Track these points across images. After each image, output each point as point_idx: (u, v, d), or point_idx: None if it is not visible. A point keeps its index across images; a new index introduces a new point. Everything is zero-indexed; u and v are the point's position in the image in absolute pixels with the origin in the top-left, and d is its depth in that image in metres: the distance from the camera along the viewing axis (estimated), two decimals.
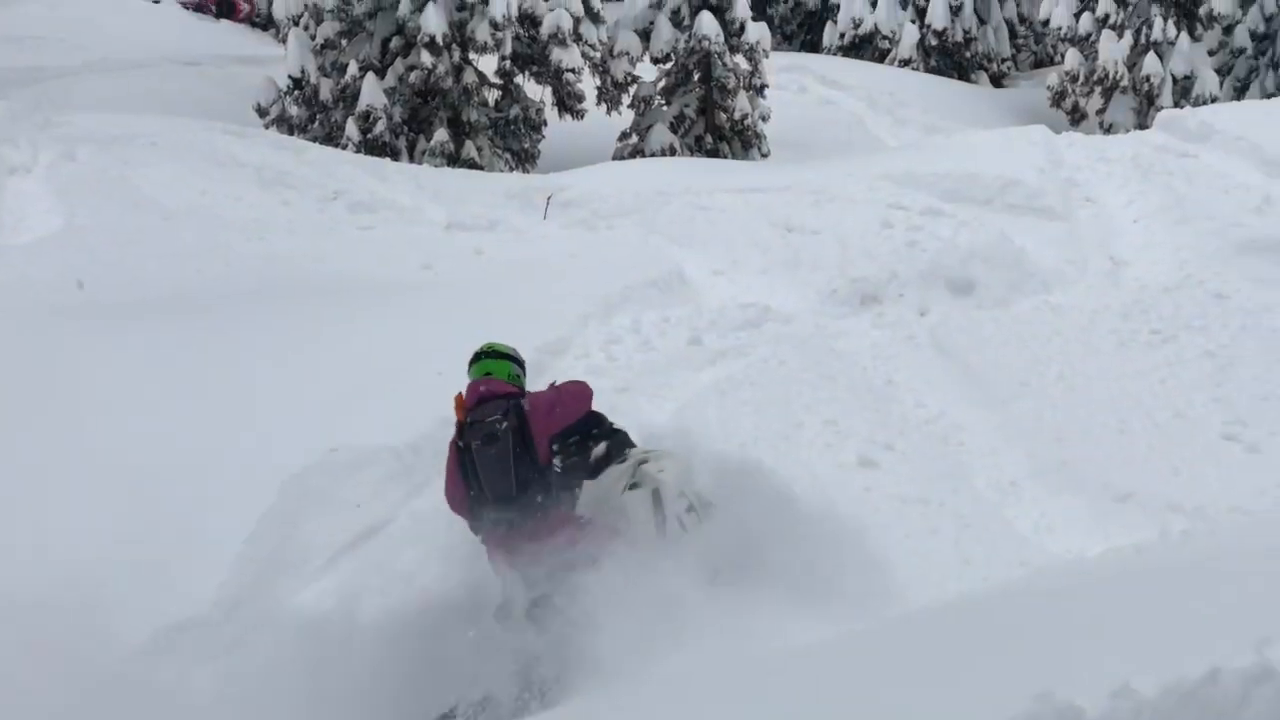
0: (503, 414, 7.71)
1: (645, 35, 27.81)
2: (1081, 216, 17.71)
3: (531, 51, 26.31)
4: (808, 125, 30.21)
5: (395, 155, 24.55)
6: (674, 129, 27.61)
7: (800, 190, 18.09)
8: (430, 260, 15.79)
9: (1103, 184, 18.70)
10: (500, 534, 7.74)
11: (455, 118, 25.68)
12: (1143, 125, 30.93)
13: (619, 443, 7.78)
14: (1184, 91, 32.32)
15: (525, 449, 7.68)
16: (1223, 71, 34.63)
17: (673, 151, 26.52)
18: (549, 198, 18.23)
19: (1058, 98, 34.50)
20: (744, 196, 18.30)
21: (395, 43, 25.60)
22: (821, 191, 18.07)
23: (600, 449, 7.69)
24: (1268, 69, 34.16)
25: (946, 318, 14.56)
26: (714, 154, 26.95)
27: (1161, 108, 30.62)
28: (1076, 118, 34.10)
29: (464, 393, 7.98)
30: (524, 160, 26.47)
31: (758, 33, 27.52)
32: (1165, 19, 32.54)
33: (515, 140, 26.56)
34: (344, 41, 25.92)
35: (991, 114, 34.77)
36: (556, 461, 7.72)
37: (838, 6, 42.72)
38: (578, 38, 25.82)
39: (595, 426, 7.89)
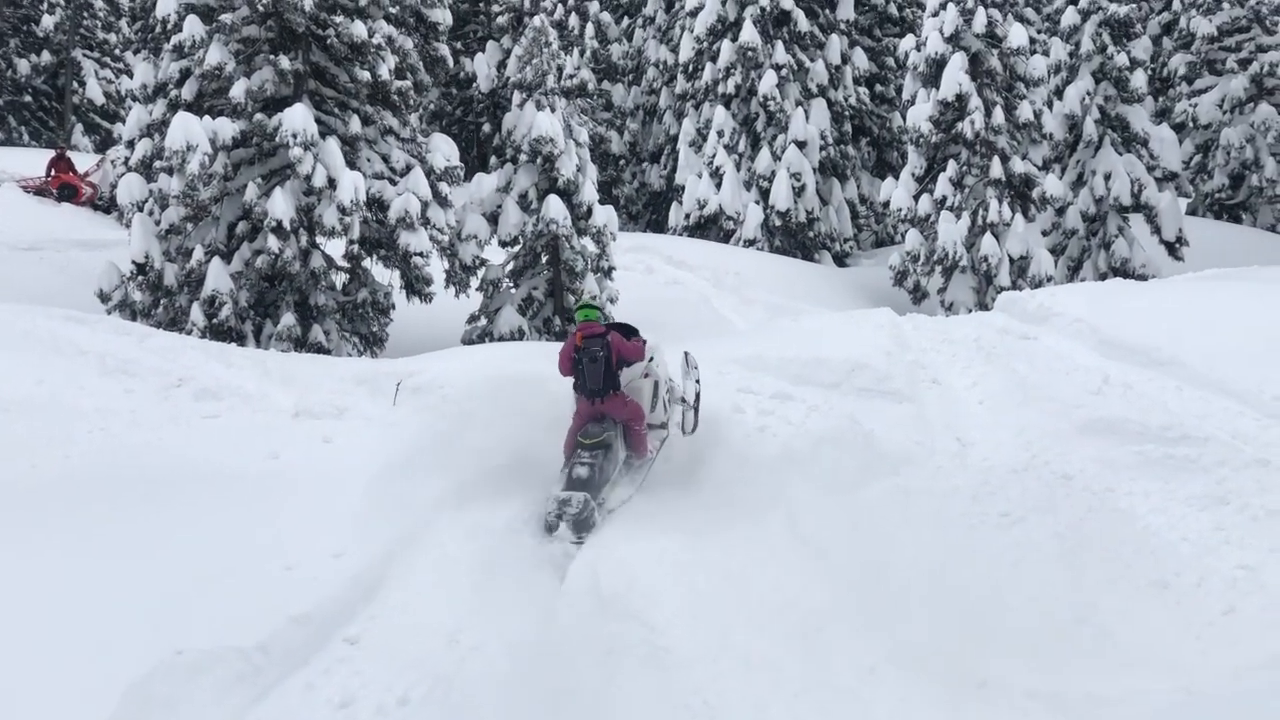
0: (600, 347, 14.94)
1: (493, 218, 28.14)
2: (928, 398, 17.93)
3: (379, 235, 26.36)
4: (656, 305, 30.51)
5: (242, 340, 24.34)
6: (523, 311, 27.79)
7: None
8: (277, 449, 15.47)
9: (948, 366, 19.00)
10: (589, 402, 15.01)
11: (303, 301, 25.56)
12: (983, 303, 31.76)
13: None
14: (1021, 270, 33.24)
15: (609, 365, 15.02)
16: (1057, 251, 35.73)
17: (522, 334, 26.67)
18: (399, 384, 18.06)
19: (900, 277, 35.28)
20: None
21: (242, 227, 25.49)
22: (671, 376, 18.08)
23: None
24: (1099, 249, 35.26)
25: (797, 503, 14.55)
26: (563, 337, 27.10)
27: (1001, 287, 31.53)
28: (918, 296, 34.88)
29: (579, 327, 15.11)
30: (372, 344, 26.42)
31: (605, 216, 27.92)
32: (1000, 201, 33.54)
33: (363, 324, 26.51)
34: (189, 226, 25.72)
35: (835, 292, 35.42)
36: (622, 372, 15.51)
37: (683, 188, 43.53)
38: (425, 221, 25.94)
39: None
